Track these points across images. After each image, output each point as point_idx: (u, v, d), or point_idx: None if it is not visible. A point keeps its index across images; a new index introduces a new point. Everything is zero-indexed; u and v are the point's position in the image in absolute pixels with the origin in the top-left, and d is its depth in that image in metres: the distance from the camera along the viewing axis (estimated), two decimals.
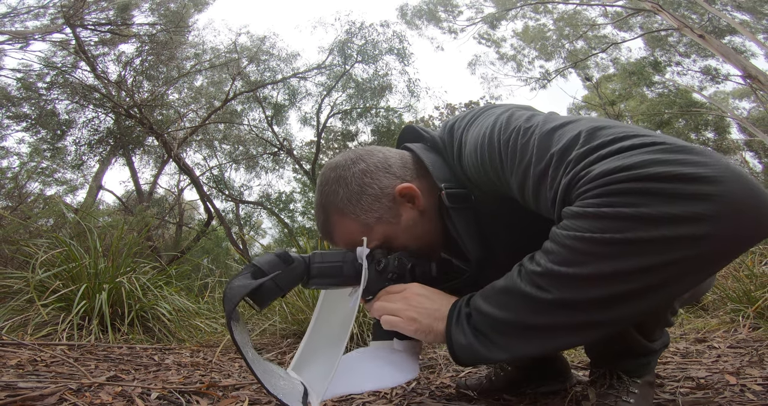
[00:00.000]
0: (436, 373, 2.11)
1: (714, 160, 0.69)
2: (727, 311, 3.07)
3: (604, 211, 0.73)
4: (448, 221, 1.13)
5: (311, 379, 1.10)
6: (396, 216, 1.13)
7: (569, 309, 0.80)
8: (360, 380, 1.09)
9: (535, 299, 0.82)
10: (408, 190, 1.12)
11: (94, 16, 12.17)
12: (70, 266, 2.93)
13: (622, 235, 0.71)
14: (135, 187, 14.52)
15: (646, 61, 16.68)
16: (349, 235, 1.14)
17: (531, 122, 0.92)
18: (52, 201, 6.99)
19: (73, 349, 2.25)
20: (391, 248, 1.15)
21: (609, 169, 0.73)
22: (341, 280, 1.11)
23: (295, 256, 1.08)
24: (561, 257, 0.79)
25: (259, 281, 0.99)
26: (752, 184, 0.68)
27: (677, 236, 0.69)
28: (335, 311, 1.27)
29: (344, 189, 1.13)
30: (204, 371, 2.05)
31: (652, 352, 1.18)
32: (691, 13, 15.54)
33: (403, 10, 18.70)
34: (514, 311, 0.86)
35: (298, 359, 1.21)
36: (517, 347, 0.88)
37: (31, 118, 11.66)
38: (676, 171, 0.69)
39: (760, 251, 3.74)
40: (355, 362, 1.14)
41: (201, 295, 4.11)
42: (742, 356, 2.02)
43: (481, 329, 0.92)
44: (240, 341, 0.93)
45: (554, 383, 1.59)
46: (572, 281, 0.78)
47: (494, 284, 0.93)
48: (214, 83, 14.46)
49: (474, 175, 1.05)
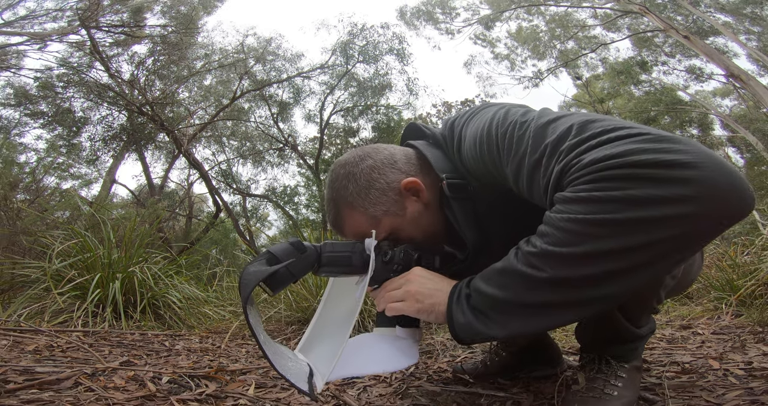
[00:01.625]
0: (434, 358, 2.11)
1: (694, 148, 0.71)
2: (710, 299, 3.07)
3: (595, 194, 0.75)
4: (447, 210, 1.13)
5: (317, 361, 1.10)
6: (402, 209, 1.14)
7: (563, 287, 0.81)
8: (363, 364, 1.10)
9: (531, 278, 0.83)
10: (413, 184, 1.13)
11: (108, 19, 12.11)
12: (85, 257, 2.94)
13: (612, 215, 0.74)
14: (147, 181, 14.51)
15: (634, 61, 16.61)
16: (357, 227, 1.16)
17: (526, 117, 0.94)
18: (68, 194, 6.98)
19: (87, 335, 2.25)
20: (398, 239, 1.16)
21: (599, 157, 0.75)
22: (350, 269, 1.12)
23: (308, 245, 1.08)
24: (555, 238, 0.80)
25: (274, 268, 0.99)
26: (729, 169, 0.70)
27: (663, 216, 0.71)
28: (342, 298, 1.28)
29: (353, 184, 1.15)
30: (212, 356, 2.05)
31: (639, 338, 1.17)
32: (676, 14, 15.44)
33: (402, 11, 18.61)
34: (512, 290, 0.87)
35: (305, 341, 1.20)
36: (514, 325, 0.88)
37: (48, 115, 11.63)
38: (660, 158, 0.71)
39: (742, 242, 3.74)
40: (359, 347, 1.15)
41: (210, 284, 4.11)
42: (725, 342, 2.02)
43: (479, 308, 0.93)
44: (253, 323, 0.92)
45: (546, 368, 1.61)
46: (566, 260, 0.79)
47: (493, 267, 0.93)
48: (222, 82, 14.40)
49: (473, 166, 1.07)
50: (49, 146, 11.95)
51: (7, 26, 11.69)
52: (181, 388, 1.43)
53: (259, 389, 1.50)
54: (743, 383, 1.33)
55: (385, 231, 1.15)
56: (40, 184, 6.37)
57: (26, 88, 11.85)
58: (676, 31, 13.05)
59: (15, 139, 11.89)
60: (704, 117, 17.81)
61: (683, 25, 14.83)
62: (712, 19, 14.59)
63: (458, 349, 2.27)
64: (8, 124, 11.90)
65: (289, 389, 1.52)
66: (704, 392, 1.27)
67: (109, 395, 1.26)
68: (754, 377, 1.40)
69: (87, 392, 1.28)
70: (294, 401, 1.40)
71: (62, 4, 11.94)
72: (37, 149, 12.20)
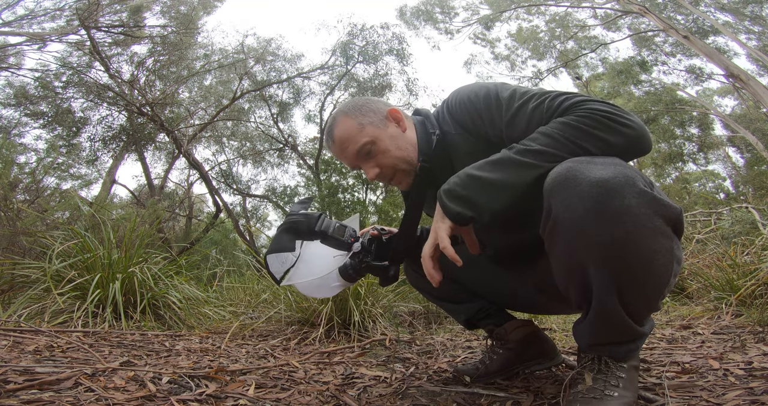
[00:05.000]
0: (434, 358, 2.11)
1: (637, 118, 1.15)
2: (710, 299, 3.07)
3: (584, 121, 1.14)
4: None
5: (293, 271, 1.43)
6: (385, 125, 1.44)
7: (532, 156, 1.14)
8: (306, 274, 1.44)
9: (518, 152, 1.16)
10: (396, 112, 1.47)
11: (108, 19, 12.07)
12: (85, 257, 2.94)
13: (588, 129, 1.13)
14: (147, 181, 14.49)
15: (634, 61, 16.57)
16: (346, 130, 1.43)
17: (527, 88, 1.32)
18: (68, 195, 6.98)
19: (87, 335, 2.25)
20: (377, 152, 1.42)
21: (595, 107, 1.15)
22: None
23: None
24: (542, 140, 1.15)
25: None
26: (648, 131, 1.16)
27: (614, 139, 1.13)
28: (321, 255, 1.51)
29: (352, 103, 1.48)
30: (213, 356, 2.05)
31: (641, 336, 1.17)
32: (676, 14, 15.41)
33: (402, 11, 18.58)
34: (500, 166, 1.17)
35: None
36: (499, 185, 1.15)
37: (48, 115, 11.60)
38: (623, 119, 1.14)
39: (742, 242, 3.74)
40: (312, 262, 1.45)
41: (210, 284, 4.11)
42: (725, 341, 2.02)
43: (464, 183, 1.18)
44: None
45: (545, 361, 1.66)
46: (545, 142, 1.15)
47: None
48: (222, 82, 14.38)
49: (464, 118, 1.38)
50: (49, 147, 11.91)
51: (6, 26, 11.68)
52: (181, 388, 1.43)
53: (259, 389, 1.50)
54: (743, 383, 1.33)
55: (368, 137, 1.41)
56: (40, 185, 6.36)
57: (26, 88, 11.84)
58: (676, 30, 13.03)
59: (15, 139, 11.87)
60: (704, 117, 17.78)
61: (683, 24, 14.82)
62: (712, 18, 14.57)
63: (458, 349, 2.28)
64: (8, 124, 11.88)
65: (289, 389, 1.53)
66: (704, 392, 1.27)
67: (109, 395, 1.26)
68: (754, 377, 1.40)
69: (87, 392, 1.28)
70: (294, 401, 1.40)
71: (61, 4, 11.93)
72: (37, 149, 12.17)
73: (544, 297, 1.53)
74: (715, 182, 22.39)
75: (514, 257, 1.53)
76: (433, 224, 1.25)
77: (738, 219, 5.16)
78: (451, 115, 1.43)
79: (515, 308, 1.78)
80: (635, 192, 1.01)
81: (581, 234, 1.03)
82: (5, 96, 11.91)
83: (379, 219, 12.48)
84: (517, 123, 1.26)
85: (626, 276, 1.05)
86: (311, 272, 1.44)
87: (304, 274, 1.43)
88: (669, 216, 1.05)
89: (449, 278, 1.69)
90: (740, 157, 20.31)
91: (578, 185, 1.02)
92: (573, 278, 1.12)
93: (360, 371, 1.83)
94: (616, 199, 1.00)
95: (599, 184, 1.00)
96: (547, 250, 1.16)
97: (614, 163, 1.05)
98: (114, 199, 15.39)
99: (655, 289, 1.11)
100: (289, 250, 1.38)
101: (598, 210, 1.00)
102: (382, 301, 2.94)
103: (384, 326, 2.75)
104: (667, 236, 1.06)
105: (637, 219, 1.00)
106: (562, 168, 1.07)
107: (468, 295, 1.71)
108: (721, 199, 15.22)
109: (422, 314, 3.27)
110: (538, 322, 2.82)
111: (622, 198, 1.00)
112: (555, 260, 1.15)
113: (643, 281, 1.07)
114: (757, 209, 5.28)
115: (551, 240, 1.12)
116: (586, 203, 1.01)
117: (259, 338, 2.66)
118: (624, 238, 1.01)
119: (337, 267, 1.43)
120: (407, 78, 14.87)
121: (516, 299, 1.67)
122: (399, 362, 2.03)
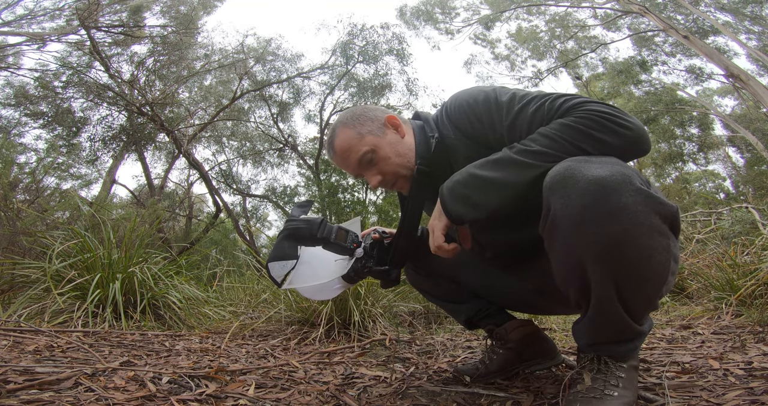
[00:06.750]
0: (434, 358, 2.11)
1: (635, 119, 1.15)
2: (710, 298, 3.07)
3: (584, 122, 1.15)
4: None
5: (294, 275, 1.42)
6: (383, 133, 1.46)
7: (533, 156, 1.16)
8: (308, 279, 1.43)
9: (517, 157, 1.17)
10: (393, 119, 1.49)
11: (108, 19, 12.06)
12: (85, 257, 2.94)
13: (587, 130, 1.14)
14: (147, 181, 14.47)
15: (634, 61, 16.56)
16: (345, 141, 1.45)
17: (525, 91, 1.33)
18: (68, 195, 6.97)
19: (87, 335, 2.25)
20: (378, 159, 1.44)
21: (595, 108, 1.16)
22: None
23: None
24: (542, 141, 1.16)
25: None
26: (646, 132, 1.18)
27: (612, 140, 1.14)
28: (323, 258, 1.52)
29: (351, 113, 1.50)
30: (213, 356, 2.05)
31: (640, 335, 1.18)
32: (676, 14, 15.41)
33: (402, 11, 18.58)
34: (497, 165, 1.19)
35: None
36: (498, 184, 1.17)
37: (48, 115, 11.59)
38: (621, 120, 1.14)
39: (742, 242, 3.74)
40: (311, 265, 1.47)
41: (210, 284, 4.11)
42: (725, 341, 2.02)
43: (465, 181, 1.21)
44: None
45: (545, 360, 1.66)
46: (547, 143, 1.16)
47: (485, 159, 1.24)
48: (222, 82, 14.36)
49: (463, 122, 1.38)
50: (48, 146, 11.89)
51: (6, 26, 11.67)
52: (181, 388, 1.43)
53: (259, 389, 1.50)
54: (743, 383, 1.33)
55: (368, 146, 1.43)
56: (40, 185, 6.35)
57: (26, 88, 11.83)
58: (676, 30, 13.04)
59: (15, 139, 11.86)
60: (704, 117, 17.76)
61: (683, 24, 14.81)
62: (712, 18, 14.56)
63: (458, 349, 2.28)
64: (8, 124, 11.87)
65: (289, 389, 1.53)
66: (704, 392, 1.28)
67: (109, 395, 1.26)
68: (754, 377, 1.40)
69: (87, 392, 1.28)
70: (294, 401, 1.40)
71: (60, 4, 11.93)
72: (36, 149, 12.15)
73: (543, 298, 1.54)
74: (715, 182, 22.39)
75: (514, 258, 1.54)
76: (431, 220, 1.28)
77: (738, 219, 5.16)
78: (449, 120, 1.43)
79: (515, 308, 1.78)
80: (632, 190, 1.01)
81: (579, 231, 1.04)
82: (5, 96, 11.91)
83: (379, 219, 12.50)
84: (519, 126, 1.26)
85: (624, 273, 1.06)
86: (313, 276, 1.44)
87: (305, 278, 1.43)
88: (666, 214, 1.06)
89: (449, 279, 1.69)
90: (740, 157, 20.31)
91: (576, 183, 1.03)
92: (572, 276, 1.13)
93: (360, 371, 1.83)
94: (614, 196, 1.00)
95: (597, 182, 1.01)
96: (546, 248, 1.16)
97: (612, 162, 1.06)
98: (114, 199, 15.37)
99: (653, 286, 1.11)
100: (291, 258, 1.38)
101: (596, 207, 1.01)
102: (382, 301, 2.94)
103: (384, 326, 2.75)
104: (664, 233, 1.07)
105: (634, 216, 1.01)
106: (560, 167, 1.08)
107: (468, 295, 1.72)
108: (721, 199, 15.25)
109: (422, 314, 3.27)
110: (538, 322, 2.82)
111: (619, 196, 1.00)
112: (554, 257, 1.15)
113: (641, 278, 1.08)
114: (757, 209, 5.28)
115: (550, 238, 1.12)
116: (584, 200, 1.02)
117: (259, 338, 2.66)
118: (621, 235, 1.01)
119: (341, 275, 1.43)
120: (407, 78, 14.86)
121: (516, 300, 1.67)
122: (399, 362, 2.03)
